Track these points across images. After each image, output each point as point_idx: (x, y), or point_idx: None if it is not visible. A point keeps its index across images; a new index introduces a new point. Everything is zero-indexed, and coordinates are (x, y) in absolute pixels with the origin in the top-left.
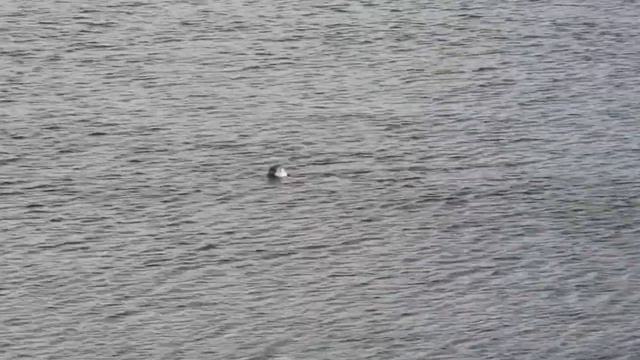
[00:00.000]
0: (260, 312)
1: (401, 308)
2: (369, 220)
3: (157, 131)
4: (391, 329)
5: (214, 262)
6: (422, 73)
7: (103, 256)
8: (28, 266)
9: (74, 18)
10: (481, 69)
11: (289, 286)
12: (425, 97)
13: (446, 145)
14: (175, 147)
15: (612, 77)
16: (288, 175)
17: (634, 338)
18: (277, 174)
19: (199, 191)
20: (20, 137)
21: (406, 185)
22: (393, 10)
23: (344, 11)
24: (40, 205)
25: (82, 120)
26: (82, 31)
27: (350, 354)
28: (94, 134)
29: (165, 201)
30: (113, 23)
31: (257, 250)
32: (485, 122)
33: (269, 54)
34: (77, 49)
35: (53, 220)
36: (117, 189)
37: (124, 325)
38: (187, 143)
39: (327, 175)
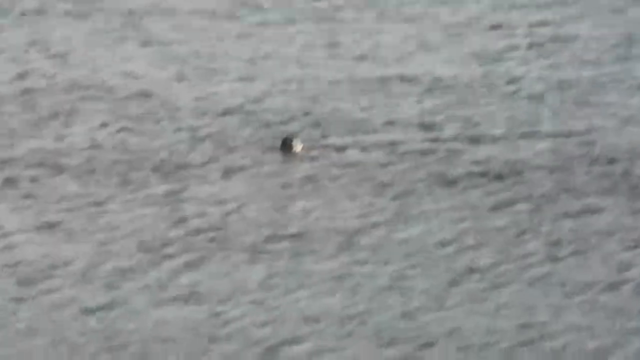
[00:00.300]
0: (271, 304)
1: (437, 300)
2: (403, 199)
3: (156, 96)
4: (425, 324)
5: (220, 247)
6: (469, 28)
7: (90, 240)
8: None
9: None
10: (539, 23)
11: (306, 274)
12: (472, 56)
13: (496, 110)
14: (177, 114)
15: None
16: (304, 148)
17: None
18: (294, 149)
19: (204, 165)
20: None
21: (448, 158)
22: None
23: None
24: (17, 181)
25: (69, 83)
26: None
27: (376, 353)
28: (82, 99)
29: (164, 176)
30: None
31: (271, 233)
32: (544, 84)
33: (289, 6)
34: (63, 0)
35: (31, 198)
36: (108, 163)
37: (113, 321)
38: (191, 109)
39: (356, 146)
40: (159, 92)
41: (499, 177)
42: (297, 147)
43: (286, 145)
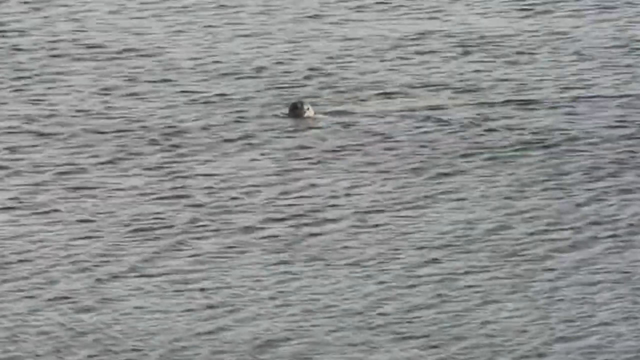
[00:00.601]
0: (286, 297)
1: (481, 294)
2: (441, 175)
3: (155, 55)
4: (466, 323)
5: (228, 231)
6: None
7: (79, 221)
8: None
9: None
10: None
11: (326, 264)
12: (522, 9)
13: (551, 72)
14: (178, 75)
15: None
16: (316, 114)
17: None
18: (305, 114)
19: (203, 132)
20: None
21: (490, 125)
22: None
23: None
24: None
25: (56, 40)
26: None
27: (407, 356)
28: (66, 57)
29: (158, 144)
30: None
31: (275, 212)
32: (605, 41)
33: None
34: None
35: (7, 169)
36: (100, 132)
37: (107, 316)
38: (194, 70)
39: (386, 114)
40: (153, 49)
41: (548, 147)
42: (308, 112)
43: (296, 111)
